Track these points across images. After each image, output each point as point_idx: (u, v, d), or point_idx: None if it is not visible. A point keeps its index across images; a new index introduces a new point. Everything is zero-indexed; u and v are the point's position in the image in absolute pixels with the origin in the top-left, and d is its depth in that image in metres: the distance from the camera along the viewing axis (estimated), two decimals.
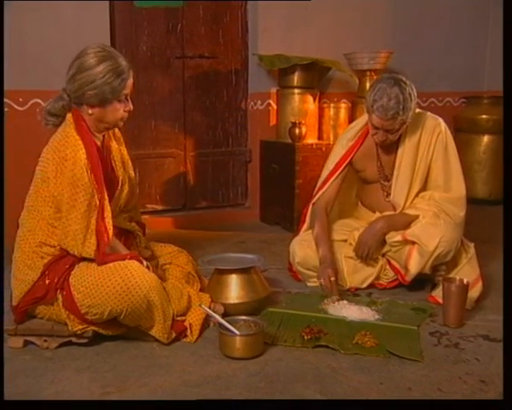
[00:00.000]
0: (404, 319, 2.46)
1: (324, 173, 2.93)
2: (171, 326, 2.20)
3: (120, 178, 2.35)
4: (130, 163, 2.48)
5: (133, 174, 2.50)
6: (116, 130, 2.40)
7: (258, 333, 2.14)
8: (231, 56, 4.36)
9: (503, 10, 2.35)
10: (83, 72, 2.13)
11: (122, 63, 2.18)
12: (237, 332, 2.12)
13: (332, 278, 2.57)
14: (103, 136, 2.32)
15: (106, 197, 2.16)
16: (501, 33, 2.53)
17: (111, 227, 2.15)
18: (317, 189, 2.95)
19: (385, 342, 2.20)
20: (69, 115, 2.20)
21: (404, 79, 2.59)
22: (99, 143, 2.28)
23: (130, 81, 2.21)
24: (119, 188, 2.33)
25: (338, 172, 2.86)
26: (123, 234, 2.40)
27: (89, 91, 2.14)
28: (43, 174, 2.14)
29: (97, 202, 2.12)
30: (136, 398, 1.84)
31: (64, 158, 2.10)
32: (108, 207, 2.17)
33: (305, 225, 3.01)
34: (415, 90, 2.59)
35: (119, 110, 2.21)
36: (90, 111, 2.18)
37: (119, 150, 2.39)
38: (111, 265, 2.11)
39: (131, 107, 2.26)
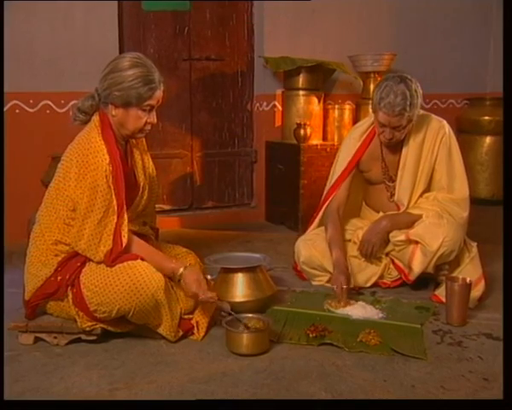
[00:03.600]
0: (408, 317, 2.48)
1: (334, 176, 2.94)
2: (178, 324, 2.23)
3: (141, 184, 2.36)
4: (153, 170, 2.48)
5: (155, 181, 2.50)
6: None
7: (264, 330, 2.17)
8: (237, 58, 4.39)
9: (503, 11, 2.38)
10: (114, 72, 2.16)
11: (154, 74, 2.19)
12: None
13: (344, 286, 2.57)
14: (126, 141, 2.33)
15: (124, 205, 2.18)
16: None
17: (125, 234, 2.16)
18: (327, 192, 2.96)
19: (389, 340, 2.22)
20: (96, 118, 2.22)
21: (409, 76, 2.62)
22: (122, 149, 2.28)
23: (157, 93, 2.20)
24: (139, 194, 2.35)
25: (348, 174, 2.89)
26: None
27: (115, 92, 2.15)
28: (66, 174, 2.17)
29: (115, 209, 2.14)
30: (144, 394, 1.87)
31: (87, 162, 2.12)
32: (125, 215, 2.18)
33: (312, 227, 3.04)
34: (420, 87, 2.62)
35: (142, 119, 2.20)
36: (113, 112, 2.19)
37: (140, 157, 2.39)
38: (120, 264, 2.13)
39: (155, 120, 2.24)
